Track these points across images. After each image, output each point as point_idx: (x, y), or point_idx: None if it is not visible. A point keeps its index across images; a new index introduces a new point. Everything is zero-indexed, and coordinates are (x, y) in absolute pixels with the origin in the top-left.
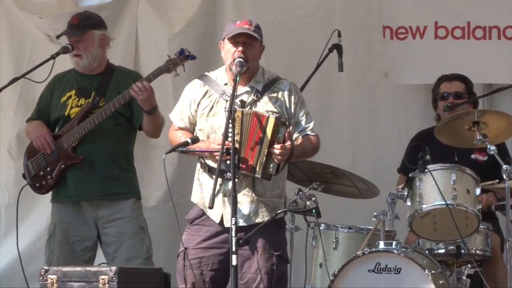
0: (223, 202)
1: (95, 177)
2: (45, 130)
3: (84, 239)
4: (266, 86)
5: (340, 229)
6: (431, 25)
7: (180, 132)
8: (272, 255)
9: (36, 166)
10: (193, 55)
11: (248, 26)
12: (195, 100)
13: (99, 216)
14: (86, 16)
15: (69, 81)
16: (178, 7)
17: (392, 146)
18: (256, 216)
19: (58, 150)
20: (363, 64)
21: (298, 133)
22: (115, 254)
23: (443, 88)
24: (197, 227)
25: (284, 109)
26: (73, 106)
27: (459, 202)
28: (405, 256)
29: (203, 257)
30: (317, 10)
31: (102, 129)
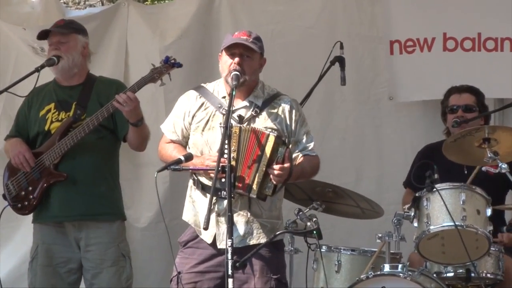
0: (217, 222)
1: (79, 195)
2: (23, 147)
3: (68, 261)
4: (266, 102)
5: (343, 252)
6: (439, 37)
7: (171, 146)
8: (270, 279)
9: (17, 186)
10: (179, 63)
11: (246, 37)
12: (190, 112)
13: (81, 238)
14: (72, 21)
15: (48, 93)
16: (171, 18)
17: (398, 163)
18: (251, 238)
19: (40, 168)
20: (367, 77)
21: (298, 152)
22: (93, 281)
23: (453, 100)
24: (190, 250)
25: (284, 127)
26: (53, 121)
27: (468, 223)
28: (412, 280)
29: (198, 282)
30: (318, 20)
31: (85, 144)
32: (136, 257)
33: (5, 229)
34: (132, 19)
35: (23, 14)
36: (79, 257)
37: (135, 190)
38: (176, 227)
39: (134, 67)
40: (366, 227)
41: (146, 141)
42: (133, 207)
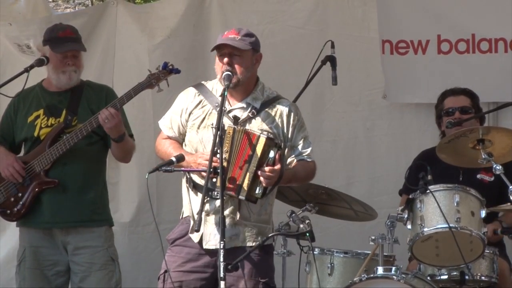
0: (205, 222)
1: (69, 202)
2: (11, 159)
3: (55, 264)
4: (264, 104)
5: (336, 254)
6: (433, 39)
7: (168, 142)
8: (258, 282)
9: (5, 192)
10: (177, 69)
11: (234, 35)
12: (187, 110)
13: (68, 241)
14: (76, 29)
15: (35, 99)
16: (160, 17)
17: (390, 166)
18: (237, 240)
19: (30, 174)
20: (359, 78)
21: (294, 157)
22: (80, 284)
23: (448, 103)
24: (178, 248)
25: (280, 131)
26: (43, 127)
27: (463, 225)
28: (406, 283)
29: (184, 281)
30: (310, 20)
31: (76, 150)
32: (123, 261)
33: None
34: (121, 18)
35: (9, 10)
36: (66, 260)
37: (122, 189)
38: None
39: (122, 65)
40: (358, 229)
41: (130, 154)
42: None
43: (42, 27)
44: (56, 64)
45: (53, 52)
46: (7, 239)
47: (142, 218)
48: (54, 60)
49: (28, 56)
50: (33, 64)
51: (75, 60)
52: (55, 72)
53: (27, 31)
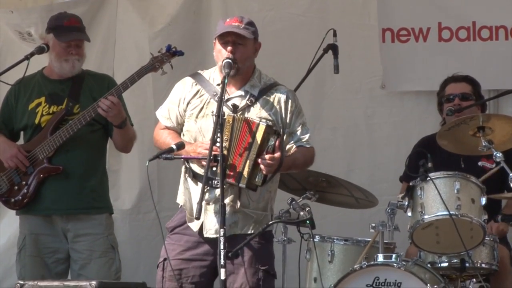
0: (205, 210)
1: (71, 188)
2: (14, 149)
3: (55, 251)
4: (262, 91)
5: (336, 241)
6: (434, 27)
7: (165, 132)
8: (258, 270)
9: (8, 181)
10: (181, 51)
11: (238, 23)
12: (185, 99)
13: (68, 229)
14: (80, 19)
15: (36, 86)
16: (160, 5)
17: (390, 154)
18: (236, 228)
19: (32, 162)
20: (359, 66)
21: (292, 144)
22: (80, 271)
23: (449, 89)
24: (177, 236)
25: (278, 117)
26: (44, 114)
27: (463, 212)
28: (406, 270)
29: (183, 269)
30: (310, 8)
31: (78, 138)
32: (124, 248)
33: None
34: (121, 6)
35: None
36: (66, 247)
37: (123, 177)
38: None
39: (123, 53)
40: (358, 217)
41: (132, 143)
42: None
43: (43, 15)
44: (59, 52)
45: (58, 40)
46: (6, 226)
47: (143, 205)
48: (57, 48)
49: (29, 43)
50: (33, 52)
51: (78, 49)
52: (58, 60)
53: (28, 19)
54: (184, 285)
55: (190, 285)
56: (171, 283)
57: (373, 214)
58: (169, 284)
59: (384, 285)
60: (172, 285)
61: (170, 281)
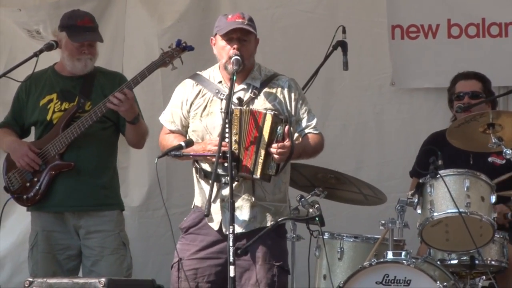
0: (222, 208)
1: (83, 185)
2: (24, 148)
3: (67, 248)
4: (263, 83)
5: (346, 238)
6: (444, 23)
7: (171, 136)
8: (272, 266)
9: (20, 178)
10: (191, 46)
11: (241, 20)
12: (187, 101)
13: (80, 226)
14: (93, 17)
15: (48, 82)
16: (169, 1)
17: (399, 150)
18: (255, 222)
19: (44, 158)
20: (368, 63)
21: (300, 131)
22: (92, 268)
23: (459, 87)
24: (192, 236)
25: (283, 107)
26: (56, 111)
27: (473, 210)
28: (415, 267)
29: (199, 269)
30: (319, 5)
31: (90, 134)
32: (133, 245)
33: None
34: (130, 2)
35: None
36: (78, 244)
37: (131, 174)
38: (175, 216)
39: (132, 50)
40: (367, 214)
41: (144, 139)
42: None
43: (51, 13)
44: (72, 51)
45: (71, 41)
46: (16, 223)
47: (152, 202)
48: (70, 47)
49: (37, 41)
50: (42, 49)
51: (91, 48)
52: (70, 59)
53: (36, 16)
54: (200, 284)
55: (206, 284)
56: (187, 283)
57: (382, 211)
58: (185, 284)
59: (393, 282)
60: (188, 285)
61: (185, 281)
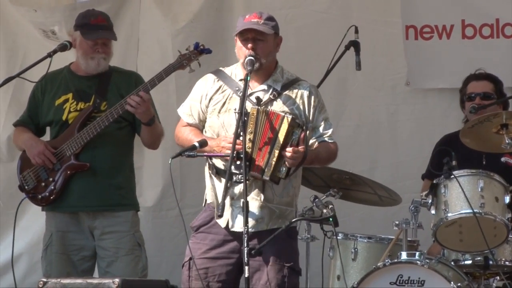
0: (230, 206)
1: (98, 185)
2: (41, 146)
3: (81, 249)
4: (284, 86)
5: (359, 239)
6: (458, 24)
7: (188, 129)
8: (283, 267)
9: (35, 177)
10: (209, 49)
11: (257, 19)
12: (207, 95)
13: (95, 226)
14: (108, 16)
15: (63, 82)
16: (183, 2)
17: (413, 151)
18: (262, 223)
19: (60, 158)
20: (382, 63)
21: (315, 139)
22: (107, 269)
23: (470, 88)
24: (202, 235)
25: (301, 112)
26: (71, 111)
27: (487, 210)
28: (429, 268)
29: (209, 268)
30: (333, 5)
31: (105, 134)
32: (147, 246)
33: (8, 215)
34: (144, 3)
35: None
36: (93, 244)
37: (145, 174)
38: (189, 216)
39: (146, 50)
40: (381, 214)
41: (159, 140)
42: (144, 193)
43: (66, 14)
44: (86, 50)
45: (84, 38)
46: (29, 224)
47: (165, 202)
48: (84, 46)
49: (52, 41)
50: (56, 49)
51: (105, 47)
52: (84, 58)
53: (52, 17)
54: (210, 283)
55: (216, 284)
56: (197, 282)
57: (396, 212)
58: (195, 283)
59: (407, 283)
60: (198, 285)
61: (196, 280)
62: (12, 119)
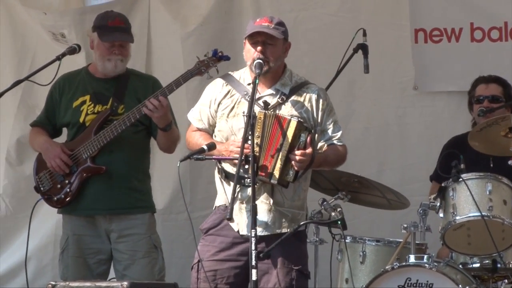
0: (240, 210)
1: (114, 189)
2: (57, 149)
3: (98, 252)
4: (293, 90)
5: (368, 242)
6: (466, 27)
7: (197, 134)
8: (291, 270)
9: (51, 179)
10: (227, 56)
11: (267, 23)
12: (216, 100)
13: (112, 229)
14: (126, 18)
15: (81, 84)
16: (192, 5)
17: (422, 154)
18: (273, 227)
19: (76, 160)
20: (391, 66)
21: (324, 142)
22: (124, 272)
23: (479, 90)
24: (211, 237)
25: (310, 116)
26: (89, 113)
27: (495, 213)
28: (438, 271)
29: (218, 270)
30: (342, 8)
31: (122, 138)
32: None
33: (18, 219)
34: (153, 6)
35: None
36: (109, 248)
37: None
38: (198, 219)
39: (155, 53)
40: (389, 218)
41: (175, 144)
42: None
43: (75, 18)
44: (103, 51)
45: (101, 40)
46: (39, 226)
47: (175, 206)
48: (101, 47)
49: (61, 44)
50: (65, 52)
51: (122, 49)
52: (101, 60)
53: (62, 21)
54: (218, 286)
55: (224, 286)
56: (206, 284)
57: (404, 215)
58: (204, 285)
59: (415, 286)
60: (207, 286)
61: (205, 282)
62: (21, 122)
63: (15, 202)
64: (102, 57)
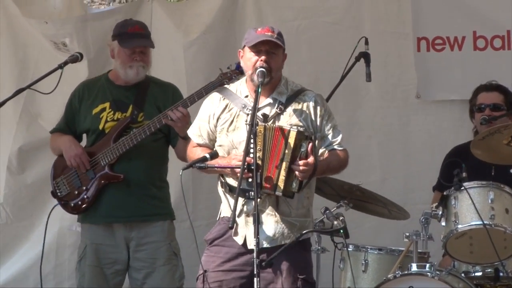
0: (246, 223)
1: (132, 197)
2: (79, 150)
3: (115, 262)
4: (290, 98)
5: (370, 251)
6: (469, 36)
7: (199, 149)
8: (297, 279)
9: (68, 184)
10: None
11: (270, 33)
12: (214, 115)
13: (131, 237)
14: (145, 25)
15: (101, 91)
16: (195, 14)
17: (425, 162)
18: (282, 238)
19: (94, 167)
20: (394, 74)
21: (325, 148)
22: (145, 280)
23: (481, 99)
24: (216, 248)
25: (309, 123)
26: (108, 120)
27: (497, 222)
28: (440, 279)
29: (223, 281)
30: (345, 16)
31: (141, 146)
32: None
33: (18, 228)
34: (156, 15)
35: (45, 9)
36: (125, 258)
37: None
38: (200, 228)
39: (158, 62)
40: (392, 226)
41: None
42: None
43: (77, 26)
44: (124, 59)
45: (121, 47)
46: (40, 235)
47: (177, 214)
48: (122, 55)
49: (63, 53)
50: (67, 61)
51: (143, 56)
52: (122, 67)
53: (63, 29)
54: None
55: None
56: None
57: (407, 223)
58: None
59: None
60: None
61: None
62: (23, 131)
63: (16, 210)
64: (123, 64)
